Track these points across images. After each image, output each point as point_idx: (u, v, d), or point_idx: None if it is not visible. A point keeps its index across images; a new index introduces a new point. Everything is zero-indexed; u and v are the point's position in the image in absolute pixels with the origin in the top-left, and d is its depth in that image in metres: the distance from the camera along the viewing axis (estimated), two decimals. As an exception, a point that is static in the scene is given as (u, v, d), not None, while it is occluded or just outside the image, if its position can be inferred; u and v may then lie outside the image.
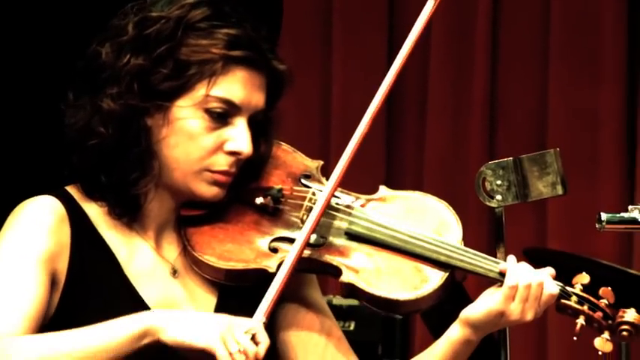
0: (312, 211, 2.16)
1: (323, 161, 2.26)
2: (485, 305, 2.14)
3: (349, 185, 2.25)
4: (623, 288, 2.25)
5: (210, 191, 2.16)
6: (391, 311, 2.16)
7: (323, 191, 2.17)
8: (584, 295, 2.18)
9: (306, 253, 2.14)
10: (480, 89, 4.49)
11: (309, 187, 2.22)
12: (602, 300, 2.18)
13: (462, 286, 2.86)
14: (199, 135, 2.14)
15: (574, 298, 2.18)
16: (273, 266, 2.14)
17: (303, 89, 4.60)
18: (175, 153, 2.14)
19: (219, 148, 2.15)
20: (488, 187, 2.26)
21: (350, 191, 2.23)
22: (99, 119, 2.13)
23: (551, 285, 2.16)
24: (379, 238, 2.17)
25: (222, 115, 2.15)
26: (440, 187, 4.38)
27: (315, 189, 2.21)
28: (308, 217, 2.15)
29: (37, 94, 2.41)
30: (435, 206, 2.22)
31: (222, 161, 2.15)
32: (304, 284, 2.23)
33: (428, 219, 2.19)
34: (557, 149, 2.26)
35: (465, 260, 2.16)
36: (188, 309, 2.13)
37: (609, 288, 2.19)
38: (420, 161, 4.54)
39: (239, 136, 2.15)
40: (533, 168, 2.25)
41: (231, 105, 2.15)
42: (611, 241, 4.32)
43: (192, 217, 2.19)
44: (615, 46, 4.39)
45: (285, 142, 2.30)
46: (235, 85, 2.14)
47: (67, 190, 2.18)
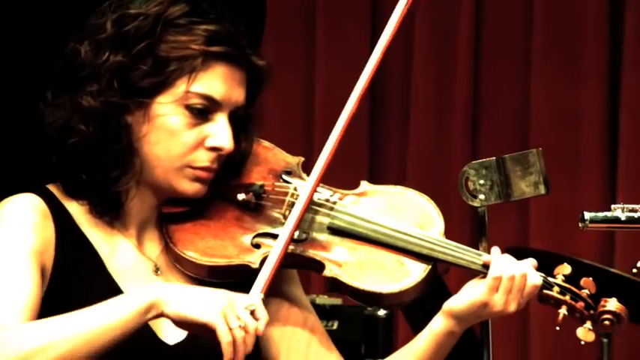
0: (295, 206, 2.16)
1: (305, 158, 2.26)
2: (469, 296, 2.15)
3: (332, 184, 2.26)
4: (604, 287, 2.26)
5: (192, 188, 2.16)
6: (375, 304, 2.18)
7: (305, 186, 2.17)
8: (566, 286, 2.20)
9: (289, 248, 2.14)
10: (463, 89, 4.49)
11: (290, 183, 2.22)
12: (583, 290, 2.20)
13: (444, 283, 2.87)
14: (180, 131, 2.14)
15: (556, 288, 2.19)
16: (256, 262, 2.14)
17: (286, 87, 4.60)
18: (156, 150, 2.14)
19: (200, 144, 2.15)
20: (471, 186, 2.27)
21: (331, 187, 2.23)
22: (79, 117, 2.13)
23: (534, 276, 2.17)
24: (361, 232, 2.17)
25: (203, 111, 2.15)
26: (423, 186, 4.35)
27: (297, 185, 2.21)
28: (291, 212, 2.15)
29: (15, 94, 2.40)
30: (417, 200, 2.23)
31: (204, 157, 2.16)
32: (286, 281, 2.23)
33: (410, 212, 2.20)
34: (540, 149, 2.27)
35: (448, 252, 2.17)
36: None
37: (590, 278, 2.21)
38: (403, 161, 4.55)
39: (220, 132, 2.15)
40: (515, 167, 2.26)
41: (212, 101, 2.15)
42: (593, 240, 4.33)
43: (173, 214, 2.19)
44: (597, 47, 4.41)
45: (269, 140, 2.30)
46: (215, 81, 2.14)
47: (48, 189, 2.18)
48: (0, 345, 1.97)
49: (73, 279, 2.11)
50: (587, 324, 2.18)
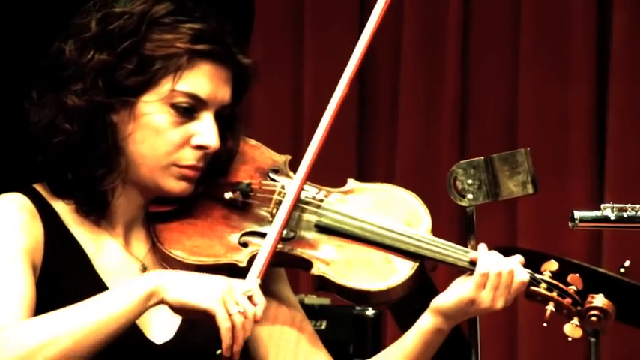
0: (283, 203, 2.16)
1: (293, 157, 2.26)
2: (456, 293, 2.16)
3: (320, 183, 2.26)
4: (592, 286, 2.26)
5: (179, 186, 2.16)
6: (362, 302, 2.18)
7: (292, 184, 2.17)
8: (553, 282, 2.20)
9: (277, 247, 2.14)
10: (451, 89, 4.50)
11: (277, 182, 2.22)
12: (570, 286, 2.21)
13: (431, 281, 2.87)
14: (166, 130, 2.14)
15: (543, 285, 2.20)
16: (243, 260, 2.14)
17: (274, 86, 4.60)
18: (142, 149, 2.14)
19: (186, 142, 2.15)
20: (459, 186, 2.27)
21: (318, 185, 2.23)
22: (64, 116, 2.13)
23: (521, 272, 2.18)
24: (348, 229, 2.18)
25: (189, 110, 2.15)
26: (411, 186, 4.35)
27: (284, 183, 2.21)
28: (279, 209, 2.15)
29: (0, 94, 2.40)
30: (404, 197, 2.23)
31: (190, 156, 2.15)
32: (274, 280, 2.23)
33: (397, 210, 2.21)
34: (528, 149, 2.27)
35: (435, 250, 2.18)
36: (159, 307, 2.12)
37: (577, 275, 2.21)
38: (392, 161, 4.55)
39: (206, 131, 2.15)
40: (504, 167, 2.26)
41: (198, 99, 2.15)
42: (581, 240, 4.34)
43: (160, 213, 2.19)
44: (585, 47, 4.42)
45: (257, 139, 2.30)
46: (201, 80, 2.14)
47: (34, 188, 2.17)
48: (1, 344, 1.97)
49: (61, 278, 2.11)
50: (575, 320, 2.19)
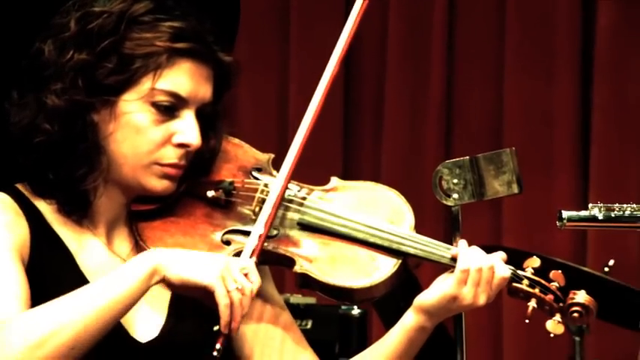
0: (267, 199, 2.16)
1: (279, 156, 2.26)
2: (439, 290, 2.16)
3: (305, 183, 2.26)
4: (576, 285, 2.27)
5: (161, 185, 2.16)
6: (346, 300, 2.18)
7: (276, 182, 2.17)
8: (535, 278, 2.20)
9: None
10: (437, 88, 4.51)
11: (260, 180, 2.22)
12: (553, 283, 2.21)
13: (416, 280, 2.87)
14: (147, 129, 2.14)
15: (525, 281, 2.20)
16: None
17: (260, 86, 4.60)
18: (123, 148, 2.14)
19: (167, 141, 2.15)
20: (445, 185, 2.27)
21: (301, 183, 2.23)
22: (44, 116, 2.12)
23: (503, 268, 2.18)
24: (331, 227, 2.18)
25: (170, 108, 2.15)
26: (397, 185, 4.37)
27: (267, 181, 2.21)
28: (263, 206, 2.16)
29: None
30: (387, 195, 2.24)
31: (172, 154, 2.15)
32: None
33: (380, 207, 2.21)
34: (513, 148, 2.28)
35: (417, 247, 2.18)
36: (142, 305, 2.12)
37: (560, 271, 2.22)
38: (378, 161, 4.56)
39: (187, 129, 2.15)
40: (489, 167, 2.27)
41: (178, 98, 2.15)
42: (566, 239, 4.36)
43: (143, 211, 2.19)
44: (569, 47, 4.43)
45: (243, 138, 2.30)
46: (181, 78, 2.14)
47: (17, 188, 2.17)
48: (11, 336, 1.97)
49: (46, 277, 2.10)
50: (557, 316, 2.20)
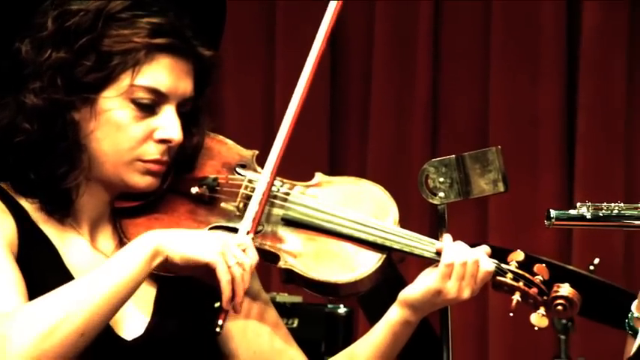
0: (255, 192, 2.17)
1: (264, 154, 2.26)
2: (423, 284, 2.17)
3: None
4: (561, 282, 2.28)
5: (144, 181, 2.16)
6: (331, 295, 2.18)
7: (262, 177, 2.17)
8: (519, 272, 2.21)
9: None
10: (423, 87, 4.52)
11: (244, 176, 2.22)
12: (537, 276, 2.22)
13: (401, 275, 2.87)
14: (128, 125, 2.14)
15: (509, 275, 2.21)
16: None
17: (246, 87, 4.60)
18: (104, 145, 2.14)
19: (148, 137, 2.15)
20: (431, 184, 2.28)
21: (285, 178, 2.23)
22: (23, 116, 2.12)
23: (487, 262, 2.19)
24: (315, 222, 2.18)
25: (150, 105, 2.15)
26: (383, 184, 4.41)
27: (251, 177, 2.21)
28: (251, 199, 2.16)
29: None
30: (371, 190, 2.24)
31: (153, 150, 2.15)
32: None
33: (364, 202, 2.21)
34: (499, 147, 2.28)
35: (402, 241, 2.19)
36: (128, 303, 2.12)
37: (544, 265, 2.23)
38: (364, 160, 4.56)
39: (168, 124, 2.15)
40: (475, 165, 2.27)
41: (158, 93, 2.14)
42: (552, 238, 4.37)
43: (127, 208, 2.18)
44: (555, 47, 4.45)
45: (229, 139, 2.30)
46: (160, 74, 2.14)
47: (1, 187, 2.16)
48: (19, 327, 1.97)
49: (34, 274, 2.10)
50: (541, 310, 2.20)
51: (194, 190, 2.20)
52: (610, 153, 4.41)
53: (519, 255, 2.22)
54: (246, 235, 2.12)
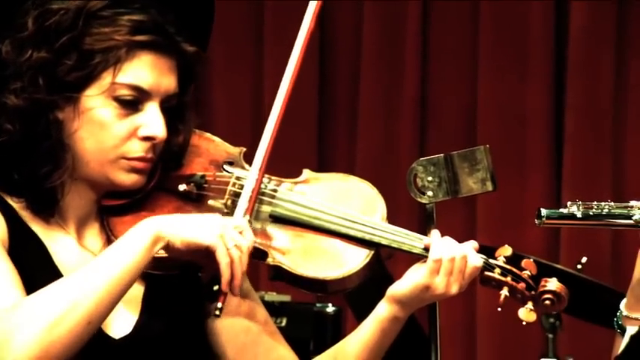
0: (249, 173, 2.17)
1: (251, 153, 2.27)
2: (411, 280, 2.17)
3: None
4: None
5: (129, 179, 2.16)
6: (319, 291, 2.18)
7: (251, 172, 2.17)
8: (507, 267, 2.21)
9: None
10: (411, 87, 4.52)
11: (232, 173, 2.22)
12: (524, 271, 2.22)
13: (388, 273, 2.88)
14: (111, 123, 2.13)
15: (497, 270, 2.21)
16: None
17: (235, 86, 4.60)
18: (88, 144, 2.13)
19: (132, 134, 2.15)
20: (419, 183, 2.28)
21: (273, 175, 2.23)
22: (5, 116, 2.11)
23: (475, 257, 2.19)
24: (303, 219, 2.19)
25: (133, 102, 2.14)
26: (372, 183, 4.42)
27: (239, 174, 2.21)
28: (242, 192, 2.16)
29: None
30: (358, 186, 2.24)
31: (138, 148, 2.15)
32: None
33: (351, 198, 2.22)
34: (487, 146, 2.29)
35: (390, 237, 2.19)
36: None
37: (531, 259, 2.23)
38: (352, 159, 4.57)
39: (152, 121, 2.14)
40: (463, 164, 2.28)
41: (140, 91, 2.14)
42: (539, 236, 4.38)
43: (114, 206, 2.18)
44: (543, 47, 4.46)
45: (218, 137, 2.30)
46: (142, 71, 2.13)
47: None
48: (24, 320, 1.97)
49: (25, 271, 2.09)
50: (529, 304, 2.21)
51: (182, 188, 2.20)
52: (598, 152, 4.42)
53: (507, 250, 2.23)
54: (243, 218, 2.13)
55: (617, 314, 2.33)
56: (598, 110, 4.42)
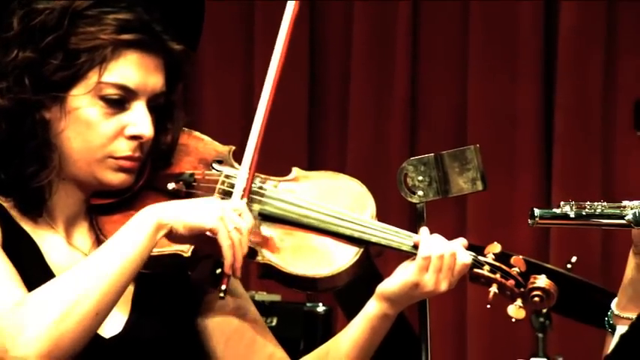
0: (244, 157, 2.18)
1: (239, 150, 2.27)
2: (400, 277, 2.17)
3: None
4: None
5: (117, 178, 2.16)
6: (308, 289, 2.18)
7: (246, 152, 2.18)
8: (496, 264, 2.21)
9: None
10: (401, 87, 4.53)
11: (221, 171, 2.22)
12: (513, 268, 2.22)
13: (378, 271, 2.88)
14: (98, 123, 2.13)
15: (486, 267, 2.21)
16: (187, 250, 2.13)
17: (225, 86, 4.60)
18: (75, 143, 2.13)
19: (119, 133, 2.14)
20: (409, 182, 2.28)
21: (262, 174, 2.23)
22: None
23: (464, 255, 2.19)
24: (292, 217, 2.19)
25: (119, 101, 2.14)
26: (362, 182, 4.42)
27: (228, 172, 2.21)
28: (241, 163, 2.17)
29: None
30: (347, 184, 2.24)
31: (125, 147, 2.15)
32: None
33: (341, 196, 2.22)
34: (478, 145, 2.29)
35: (379, 235, 2.19)
36: None
37: (520, 256, 2.23)
38: (343, 159, 4.57)
39: (138, 120, 2.14)
40: (453, 164, 2.28)
41: (127, 89, 2.14)
42: (529, 236, 4.39)
43: (103, 205, 2.18)
44: (533, 47, 4.47)
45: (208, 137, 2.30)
46: (128, 70, 2.13)
47: None
48: (31, 315, 1.98)
49: (19, 270, 2.09)
50: (518, 301, 2.21)
51: (171, 186, 2.20)
52: (587, 152, 4.43)
53: (496, 247, 2.23)
54: (241, 200, 2.14)
55: (609, 313, 2.33)
56: (587, 110, 4.43)
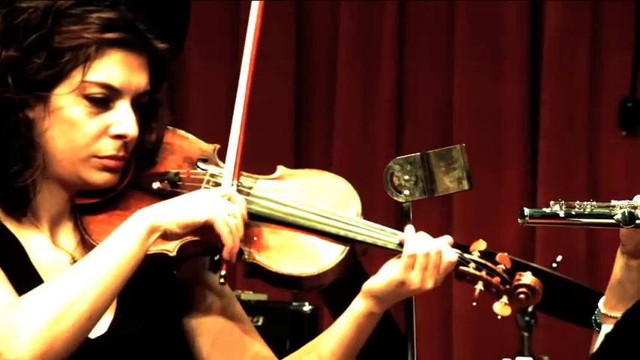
0: (230, 141, 2.19)
1: (223, 148, 2.27)
2: (386, 275, 2.17)
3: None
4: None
5: (101, 177, 2.15)
6: (294, 288, 2.18)
7: (232, 135, 2.19)
8: (481, 261, 2.21)
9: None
10: (387, 87, 4.54)
11: (206, 170, 2.22)
12: (499, 265, 2.22)
13: (364, 270, 2.88)
14: (82, 122, 2.13)
15: (472, 264, 2.21)
16: (173, 250, 2.13)
17: (211, 85, 4.60)
18: (59, 143, 2.13)
19: (103, 133, 2.14)
20: (396, 182, 2.28)
21: (246, 172, 2.23)
22: None
23: (450, 252, 2.20)
24: (278, 216, 2.18)
25: (103, 100, 2.14)
26: (348, 182, 4.43)
27: (213, 171, 2.21)
28: (225, 160, 2.18)
29: None
30: (333, 182, 2.24)
31: (109, 146, 2.14)
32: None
33: (326, 194, 2.21)
34: (464, 145, 2.29)
35: (365, 233, 2.18)
36: None
37: (506, 254, 2.24)
38: (329, 159, 4.57)
39: (123, 119, 2.14)
40: (440, 163, 2.28)
41: (110, 88, 2.13)
42: (515, 235, 4.40)
43: (87, 205, 2.17)
44: (518, 46, 4.48)
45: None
46: (112, 68, 2.13)
47: None
48: (24, 318, 1.98)
49: (4, 270, 2.09)
50: (504, 298, 2.20)
51: (155, 186, 2.19)
52: (573, 151, 4.45)
53: (481, 244, 2.23)
54: (230, 186, 2.15)
55: (596, 312, 2.33)
56: (573, 108, 4.44)
